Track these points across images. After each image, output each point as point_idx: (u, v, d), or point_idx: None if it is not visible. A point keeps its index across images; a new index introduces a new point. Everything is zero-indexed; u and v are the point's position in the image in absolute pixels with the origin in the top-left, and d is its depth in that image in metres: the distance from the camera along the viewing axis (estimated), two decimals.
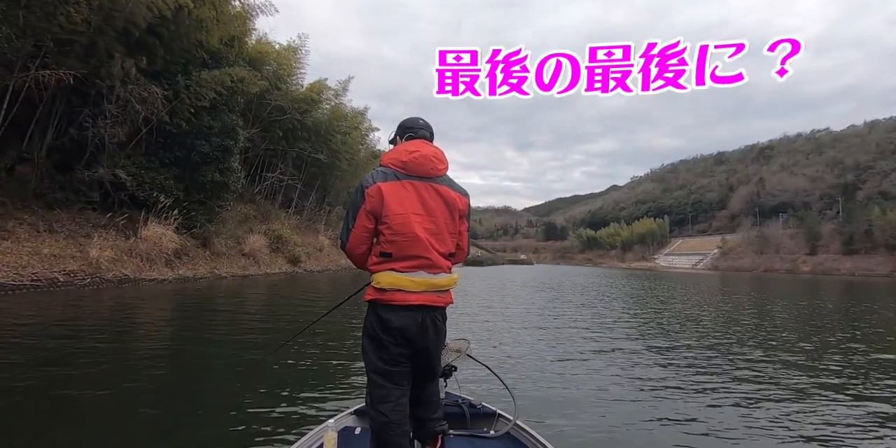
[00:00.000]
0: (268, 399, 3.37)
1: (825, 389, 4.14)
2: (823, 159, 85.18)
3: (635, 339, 6.55)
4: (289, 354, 4.73)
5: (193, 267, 13.57)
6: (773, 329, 7.78)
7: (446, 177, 1.88)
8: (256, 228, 18.15)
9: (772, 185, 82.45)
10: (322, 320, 3.50)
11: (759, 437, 2.98)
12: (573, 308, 10.36)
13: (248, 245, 16.45)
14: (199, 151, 14.96)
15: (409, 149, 1.82)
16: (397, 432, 1.74)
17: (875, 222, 52.08)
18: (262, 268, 16.70)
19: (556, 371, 4.55)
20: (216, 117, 15.73)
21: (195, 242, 15.05)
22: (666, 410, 3.43)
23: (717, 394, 3.92)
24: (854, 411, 3.56)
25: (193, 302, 9.43)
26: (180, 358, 4.80)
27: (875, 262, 50.26)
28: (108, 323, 6.43)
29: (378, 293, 1.75)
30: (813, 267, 55.72)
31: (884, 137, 78.98)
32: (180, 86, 14.41)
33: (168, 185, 14.16)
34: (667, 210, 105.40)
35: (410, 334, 1.74)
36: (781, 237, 66.05)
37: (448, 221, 1.82)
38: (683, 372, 4.63)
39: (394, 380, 1.77)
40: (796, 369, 4.92)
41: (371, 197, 1.74)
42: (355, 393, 3.48)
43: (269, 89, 22.13)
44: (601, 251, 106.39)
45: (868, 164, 72.33)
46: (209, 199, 15.98)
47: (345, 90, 28.67)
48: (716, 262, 71.73)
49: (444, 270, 1.80)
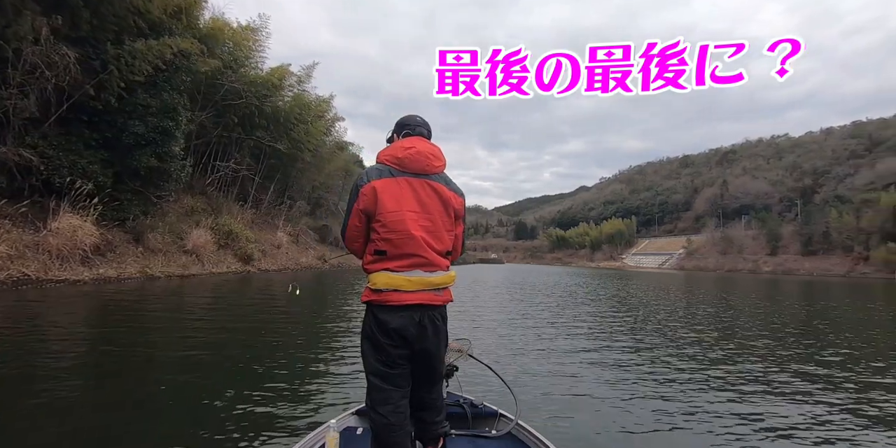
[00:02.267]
0: (269, 399, 3.34)
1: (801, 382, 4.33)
2: (783, 164, 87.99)
3: (630, 339, 6.54)
4: (289, 354, 4.76)
5: (120, 265, 11.70)
6: (770, 328, 7.53)
7: (443, 174, 1.85)
8: (204, 223, 16.24)
9: (735, 187, 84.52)
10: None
11: (760, 437, 2.99)
12: (565, 310, 9.31)
13: (191, 241, 14.57)
14: (132, 133, 13.06)
15: (405, 145, 1.79)
16: (398, 434, 1.72)
17: (832, 224, 53.79)
18: (206, 267, 14.85)
19: (555, 371, 4.49)
20: (155, 95, 13.84)
21: (126, 237, 13.14)
22: (666, 409, 3.43)
23: (719, 392, 3.93)
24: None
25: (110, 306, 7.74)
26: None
27: (832, 263, 51.87)
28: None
29: (374, 294, 1.72)
30: (774, 267, 57.18)
31: (839, 144, 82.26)
32: (109, 56, 12.47)
33: (92, 170, 12.22)
34: (634, 211, 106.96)
35: (409, 335, 1.71)
36: (744, 238, 67.70)
37: (444, 219, 1.80)
38: (682, 371, 4.63)
39: (393, 382, 1.74)
40: (795, 366, 5.02)
41: (364, 196, 1.73)
42: (357, 393, 3.44)
43: (223, 70, 20.20)
44: (570, 251, 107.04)
45: (825, 168, 75.05)
46: (145, 189, 14.07)
47: (309, 77, 26.91)
48: (681, 262, 72.99)
49: (442, 268, 1.77)
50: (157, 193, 14.64)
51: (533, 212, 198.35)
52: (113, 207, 12.85)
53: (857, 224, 50.50)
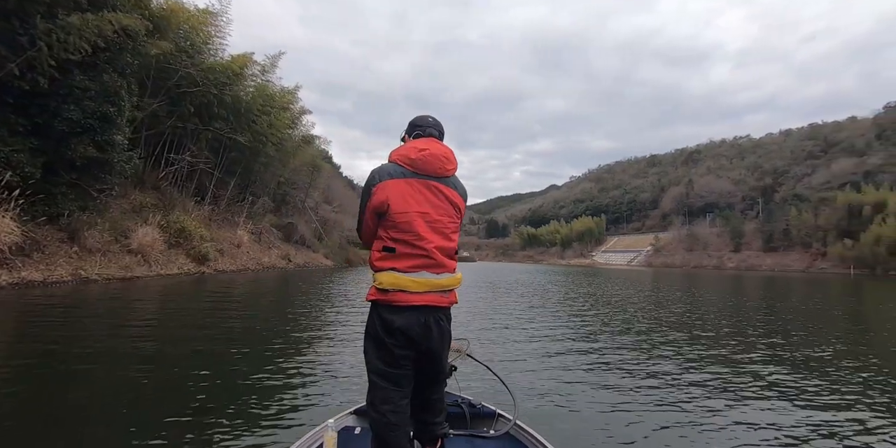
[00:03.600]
0: (267, 398, 3.31)
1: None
2: (745, 164, 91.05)
3: (624, 338, 6.50)
4: (288, 353, 4.75)
5: (48, 267, 10.33)
6: (763, 327, 7.16)
7: (453, 177, 1.87)
8: (152, 220, 14.83)
9: (700, 186, 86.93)
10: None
11: (759, 435, 2.96)
12: (549, 308, 8.66)
13: (136, 239, 13.21)
14: (67, 118, 11.62)
15: (419, 146, 1.79)
16: (397, 434, 1.72)
17: (791, 222, 55.91)
18: (154, 268, 13.50)
19: (553, 373, 4.42)
20: (94, 78, 12.40)
21: (60, 236, 11.72)
22: (665, 408, 3.41)
23: (718, 391, 3.91)
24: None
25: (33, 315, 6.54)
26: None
27: (792, 259, 53.87)
28: None
29: (380, 294, 1.72)
30: (737, 263, 58.98)
31: (797, 145, 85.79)
32: (39, 30, 11.03)
33: (17, 159, 10.78)
34: (604, 209, 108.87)
35: (414, 335, 1.71)
36: (709, 235, 69.75)
37: (452, 221, 1.82)
38: (680, 370, 4.65)
39: (395, 381, 1.74)
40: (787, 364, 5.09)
41: (376, 194, 1.73)
42: (355, 392, 3.42)
43: (177, 55, 18.68)
44: (542, 248, 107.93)
45: (784, 168, 78.01)
46: (83, 181, 12.62)
47: (274, 67, 25.47)
48: (649, 259, 74.54)
49: (448, 270, 1.79)
50: (97, 187, 13.16)
51: (504, 210, 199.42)
52: (44, 202, 11.42)
53: (815, 222, 52.55)
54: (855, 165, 62.40)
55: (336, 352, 4.94)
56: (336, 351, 4.98)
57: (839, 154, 70.44)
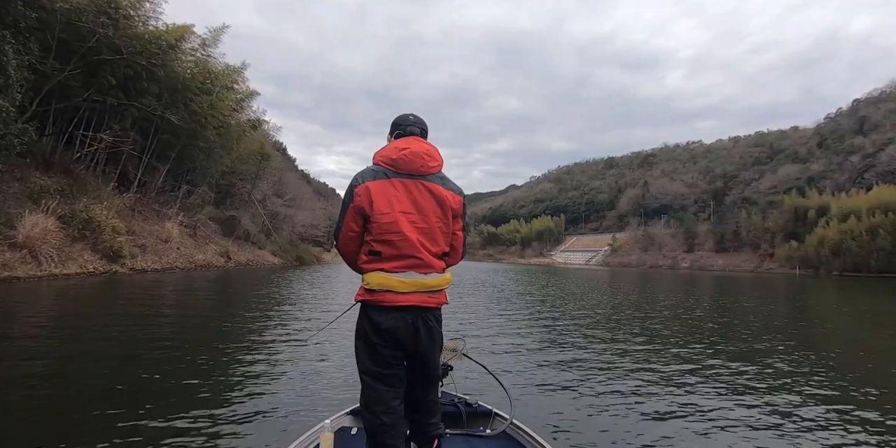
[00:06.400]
0: (264, 399, 3.32)
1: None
2: (697, 168, 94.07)
3: (613, 336, 6.50)
4: (284, 354, 4.75)
5: None
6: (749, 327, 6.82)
7: (439, 174, 1.81)
8: (52, 207, 12.23)
9: (655, 188, 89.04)
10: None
11: (761, 434, 2.96)
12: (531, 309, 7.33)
13: (22, 231, 10.67)
14: None
15: (399, 146, 1.75)
16: (391, 434, 1.68)
17: (741, 224, 57.76)
18: (45, 266, 10.99)
19: (549, 371, 4.38)
20: None
21: None
22: (662, 407, 3.41)
23: (716, 390, 3.86)
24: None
25: None
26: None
27: (742, 259, 55.63)
28: None
29: (368, 294, 1.68)
30: (691, 263, 60.43)
31: (745, 151, 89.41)
32: None
33: None
34: (563, 209, 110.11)
35: (401, 336, 1.67)
36: (664, 236, 71.40)
37: (440, 220, 1.76)
38: (678, 369, 4.60)
39: (387, 382, 1.70)
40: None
41: (359, 196, 1.69)
42: (351, 392, 3.31)
43: (96, 16, 15.93)
44: (502, 247, 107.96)
45: (733, 173, 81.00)
46: None
47: (216, 41, 22.90)
48: (607, 259, 75.63)
49: (436, 270, 1.74)
50: None
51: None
52: None
53: (763, 224, 54.39)
54: (799, 171, 65.34)
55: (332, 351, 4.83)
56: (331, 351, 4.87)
57: (784, 160, 73.75)
